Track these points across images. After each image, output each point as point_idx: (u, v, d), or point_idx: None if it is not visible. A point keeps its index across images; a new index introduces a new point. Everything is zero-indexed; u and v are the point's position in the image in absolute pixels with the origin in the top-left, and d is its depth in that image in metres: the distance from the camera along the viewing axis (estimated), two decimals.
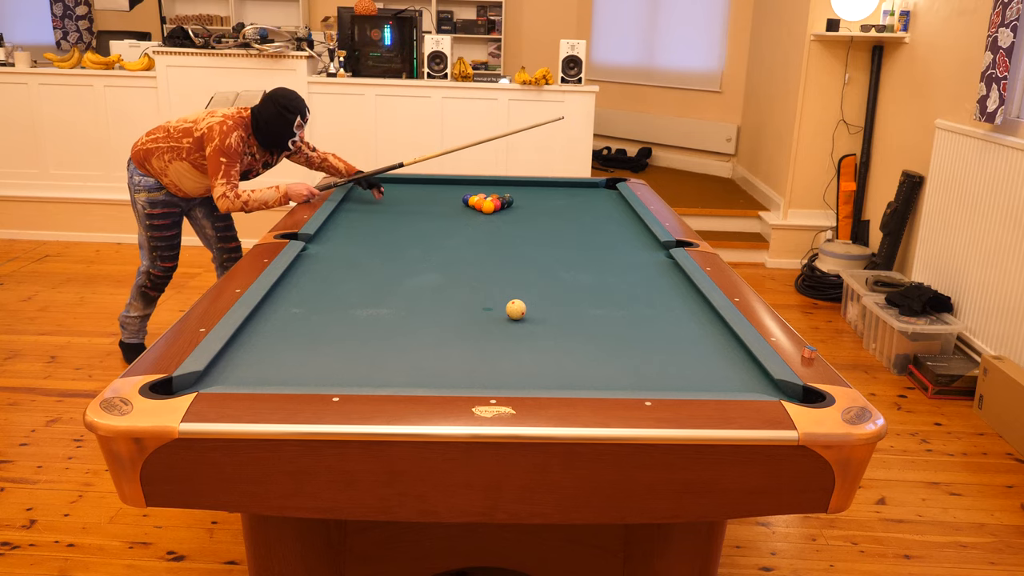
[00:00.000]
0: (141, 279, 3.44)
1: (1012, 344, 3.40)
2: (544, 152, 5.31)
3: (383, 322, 1.99)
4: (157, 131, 3.24)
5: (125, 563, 2.33)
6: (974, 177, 3.76)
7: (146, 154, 3.22)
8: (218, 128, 3.08)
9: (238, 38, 5.09)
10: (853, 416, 1.51)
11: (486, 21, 7.81)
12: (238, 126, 3.11)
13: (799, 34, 5.29)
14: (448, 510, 1.48)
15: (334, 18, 7.60)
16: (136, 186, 3.26)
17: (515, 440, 1.43)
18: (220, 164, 3.07)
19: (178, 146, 3.16)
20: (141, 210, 3.29)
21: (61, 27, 7.46)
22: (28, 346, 3.75)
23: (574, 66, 5.18)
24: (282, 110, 3.14)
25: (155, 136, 3.22)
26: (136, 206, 3.30)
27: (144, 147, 3.22)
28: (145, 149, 3.22)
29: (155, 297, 3.51)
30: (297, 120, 3.17)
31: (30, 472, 2.76)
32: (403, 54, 5.23)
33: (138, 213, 3.32)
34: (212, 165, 3.08)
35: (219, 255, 3.57)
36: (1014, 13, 3.37)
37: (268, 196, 3.13)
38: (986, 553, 2.49)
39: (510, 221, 3.03)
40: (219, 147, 3.06)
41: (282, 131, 3.17)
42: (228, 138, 3.06)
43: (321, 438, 1.42)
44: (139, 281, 3.45)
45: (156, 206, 3.28)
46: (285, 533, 1.75)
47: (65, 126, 5.31)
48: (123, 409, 1.45)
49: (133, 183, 3.27)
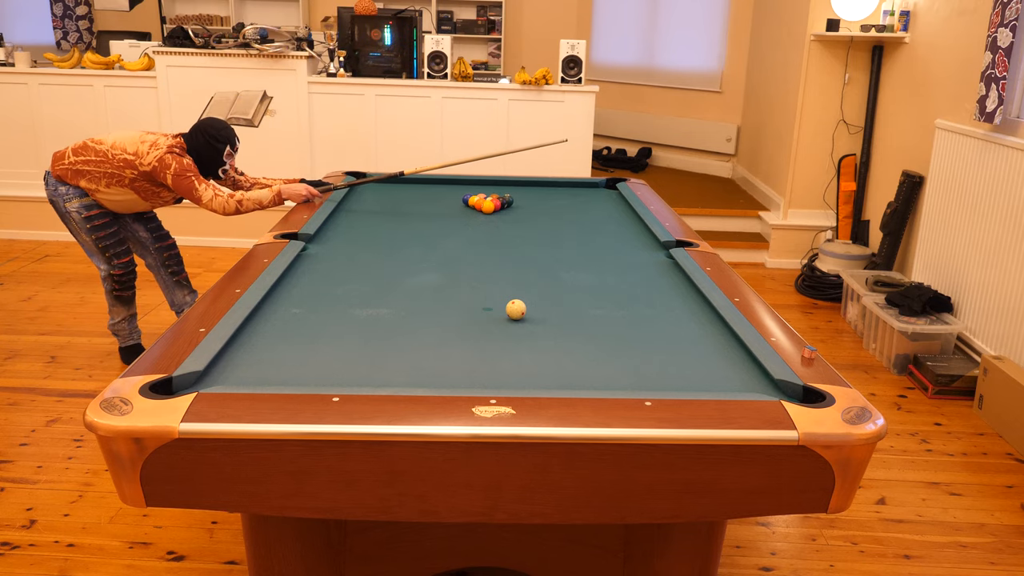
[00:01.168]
0: (107, 284, 3.42)
1: (1012, 344, 3.40)
2: (544, 152, 5.31)
3: (383, 322, 1.99)
4: (87, 152, 3.20)
5: (125, 563, 2.33)
6: (974, 177, 3.76)
7: (75, 174, 3.20)
8: (168, 159, 3.10)
9: (238, 38, 5.09)
10: (853, 416, 1.51)
11: (486, 21, 7.81)
12: (182, 152, 3.16)
13: (799, 34, 5.29)
14: (448, 510, 1.48)
15: (334, 18, 7.60)
16: (64, 196, 3.22)
17: (515, 440, 1.43)
18: (189, 179, 3.10)
19: (119, 175, 3.16)
20: (78, 216, 3.25)
21: (61, 27, 7.46)
22: (28, 346, 3.75)
23: (574, 66, 5.18)
24: (212, 140, 3.20)
25: (86, 159, 3.18)
26: (69, 216, 3.26)
27: (73, 167, 3.20)
28: (75, 170, 3.20)
29: (130, 296, 3.49)
30: (227, 149, 3.23)
31: (30, 472, 2.76)
32: (403, 54, 5.23)
33: (74, 221, 3.27)
34: (184, 186, 3.10)
35: (158, 256, 3.54)
36: (1013, 13, 3.37)
37: (262, 196, 3.13)
38: (986, 553, 2.49)
39: (510, 221, 3.03)
40: (178, 170, 3.10)
41: (213, 159, 3.23)
42: (181, 161, 3.11)
43: (321, 438, 1.42)
44: (106, 287, 3.43)
45: (92, 208, 3.26)
46: (285, 533, 1.75)
47: (65, 126, 5.31)
48: (123, 409, 1.45)
49: (59, 194, 3.23)
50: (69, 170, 3.21)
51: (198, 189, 3.09)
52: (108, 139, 3.21)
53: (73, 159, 3.21)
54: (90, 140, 3.23)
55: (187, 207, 5.34)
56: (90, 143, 3.22)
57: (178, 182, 3.10)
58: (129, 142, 3.17)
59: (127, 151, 3.16)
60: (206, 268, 4.97)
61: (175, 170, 3.09)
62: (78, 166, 3.20)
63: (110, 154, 3.17)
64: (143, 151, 3.14)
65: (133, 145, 3.16)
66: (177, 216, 5.37)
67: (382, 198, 3.35)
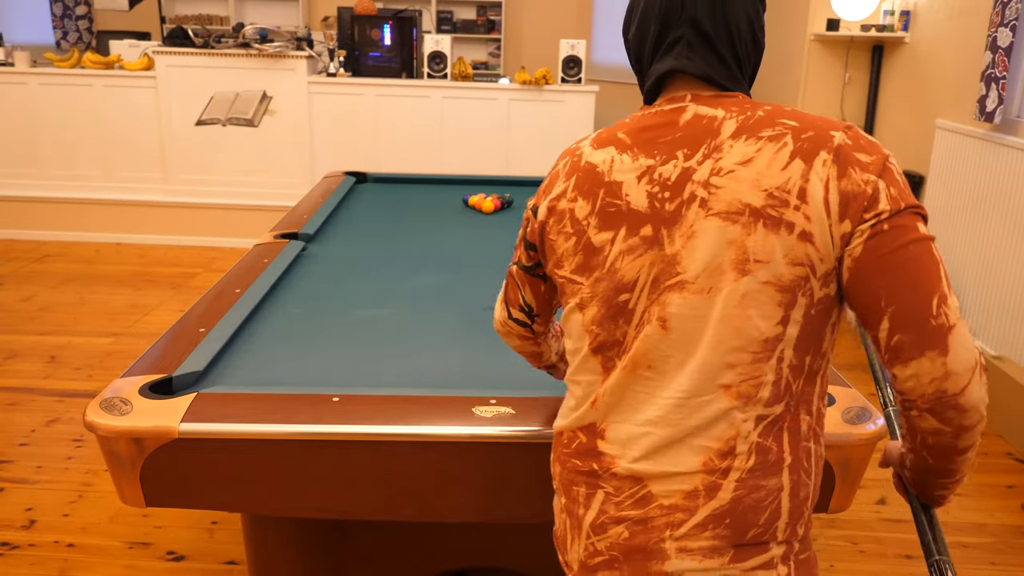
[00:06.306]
0: None
1: (1012, 344, 3.40)
2: (544, 152, 5.31)
3: (383, 322, 1.99)
4: None
5: (125, 563, 2.33)
6: (974, 177, 3.76)
7: None
8: None
9: (238, 38, 5.09)
10: (853, 416, 1.51)
11: (486, 21, 7.80)
12: None
13: (799, 34, 5.29)
14: (448, 510, 1.48)
15: (334, 18, 7.60)
16: None
17: (515, 440, 1.43)
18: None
19: None
20: None
21: (61, 27, 7.47)
22: (28, 346, 3.75)
23: (574, 66, 5.18)
24: None
25: None
26: None
27: None
28: None
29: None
30: None
31: (30, 472, 2.76)
32: (403, 54, 5.22)
33: None
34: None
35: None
36: (1013, 13, 3.37)
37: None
38: (986, 553, 2.49)
39: (510, 221, 3.03)
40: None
41: None
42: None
43: (321, 438, 1.42)
44: None
45: None
46: (285, 533, 1.75)
47: (65, 126, 5.31)
48: (123, 409, 1.45)
49: None
50: None
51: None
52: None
53: None
54: None
55: (188, 207, 5.35)
56: None
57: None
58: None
59: None
60: (206, 268, 4.97)
61: None
62: None
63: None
64: None
65: None
66: (177, 216, 5.38)
67: (382, 198, 3.35)
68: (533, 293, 1.25)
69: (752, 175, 0.98)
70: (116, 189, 5.39)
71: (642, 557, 1.03)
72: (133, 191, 5.38)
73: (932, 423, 0.97)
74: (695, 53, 1.04)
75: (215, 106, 5.22)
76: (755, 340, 0.98)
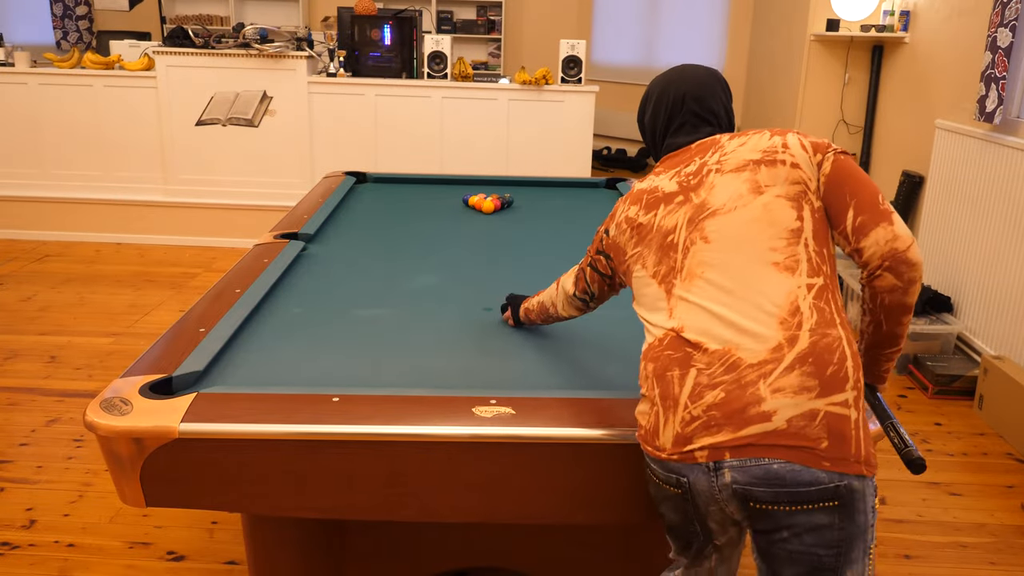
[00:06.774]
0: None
1: (1012, 344, 3.40)
2: (544, 152, 5.31)
3: (383, 322, 1.99)
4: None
5: (125, 563, 2.33)
6: (974, 177, 3.76)
7: None
8: None
9: (238, 38, 5.09)
10: None
11: (486, 21, 7.80)
12: None
13: (799, 34, 5.29)
14: (448, 510, 1.48)
15: (334, 18, 7.60)
16: None
17: (515, 440, 1.44)
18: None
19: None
20: None
21: (61, 27, 7.47)
22: (28, 346, 3.75)
23: (574, 66, 5.18)
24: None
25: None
26: None
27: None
28: None
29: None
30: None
31: (30, 472, 2.76)
32: (403, 54, 5.23)
33: None
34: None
35: None
36: (1013, 13, 3.37)
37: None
38: (986, 553, 2.49)
39: (510, 221, 3.03)
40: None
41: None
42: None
43: (321, 438, 1.42)
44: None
45: None
46: (285, 533, 1.75)
47: (65, 126, 5.31)
48: (123, 409, 1.45)
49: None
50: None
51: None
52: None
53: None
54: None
55: (188, 207, 5.35)
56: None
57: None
58: None
59: None
60: (206, 268, 4.97)
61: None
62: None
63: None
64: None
65: None
66: (177, 216, 5.38)
67: (382, 198, 3.35)
68: (598, 287, 1.67)
69: (748, 147, 1.42)
70: (116, 189, 5.39)
71: (740, 407, 1.25)
72: (133, 191, 5.38)
73: (889, 279, 1.31)
74: (695, 129, 1.53)
75: (215, 106, 5.22)
76: (786, 228, 1.34)
